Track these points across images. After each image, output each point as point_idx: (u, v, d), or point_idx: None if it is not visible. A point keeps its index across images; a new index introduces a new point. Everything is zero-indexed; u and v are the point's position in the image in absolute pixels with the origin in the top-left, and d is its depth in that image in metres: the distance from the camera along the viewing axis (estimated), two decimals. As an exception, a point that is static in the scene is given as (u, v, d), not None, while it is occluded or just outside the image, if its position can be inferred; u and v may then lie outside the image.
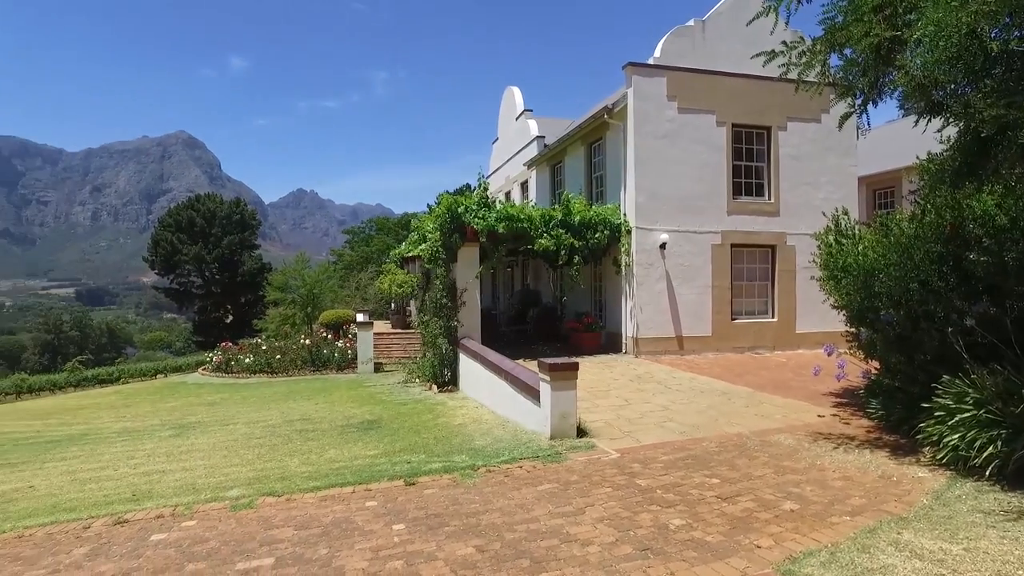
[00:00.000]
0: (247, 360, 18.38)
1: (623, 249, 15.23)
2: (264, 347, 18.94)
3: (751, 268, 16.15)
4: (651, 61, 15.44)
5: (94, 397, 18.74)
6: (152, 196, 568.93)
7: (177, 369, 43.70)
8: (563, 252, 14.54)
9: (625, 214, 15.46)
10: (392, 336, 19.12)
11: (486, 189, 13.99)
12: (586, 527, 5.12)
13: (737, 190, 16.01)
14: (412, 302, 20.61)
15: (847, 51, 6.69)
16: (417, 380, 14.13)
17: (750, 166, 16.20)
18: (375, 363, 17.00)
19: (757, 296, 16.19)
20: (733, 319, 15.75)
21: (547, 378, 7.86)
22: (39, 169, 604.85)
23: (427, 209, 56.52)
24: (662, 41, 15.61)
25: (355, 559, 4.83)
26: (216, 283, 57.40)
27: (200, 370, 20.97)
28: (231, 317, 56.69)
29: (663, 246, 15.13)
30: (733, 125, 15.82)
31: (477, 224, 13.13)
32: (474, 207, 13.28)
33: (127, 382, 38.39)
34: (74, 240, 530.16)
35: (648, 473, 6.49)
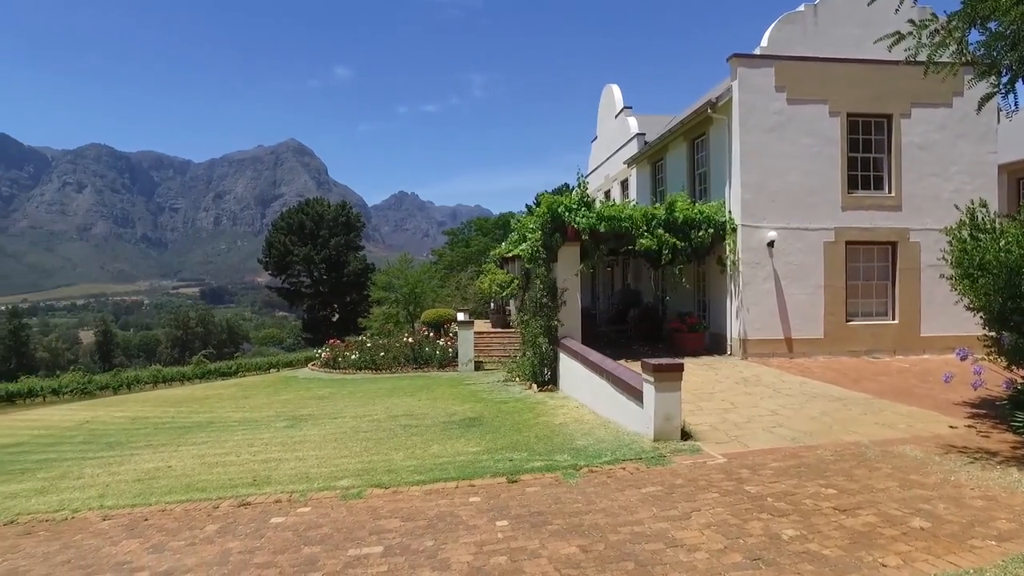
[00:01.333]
0: (353, 357, 19.17)
1: (728, 248, 14.69)
2: (369, 344, 19.69)
3: (868, 267, 15.12)
4: (757, 51, 14.79)
5: (217, 388, 20.15)
6: (266, 201, 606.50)
7: (288, 364, 46.43)
8: (665, 251, 14.21)
9: (730, 212, 14.90)
10: (492, 335, 19.36)
11: (586, 188, 13.88)
12: (692, 532, 4.96)
13: (852, 184, 15.04)
14: (511, 301, 20.79)
15: (991, 24, 6.10)
16: (517, 379, 14.22)
17: (867, 158, 15.17)
18: (475, 361, 17.28)
19: (875, 296, 15.13)
20: (848, 321, 14.81)
21: (651, 379, 7.70)
22: (171, 179, 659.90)
23: (525, 209, 56.95)
24: (770, 29, 14.91)
25: (460, 552, 4.92)
26: (324, 283, 60.35)
27: (310, 366, 22.09)
28: (337, 315, 59.44)
29: (771, 244, 14.46)
30: (848, 115, 14.86)
31: (578, 223, 13.06)
32: (574, 206, 13.22)
33: (244, 375, 41.19)
34: (199, 243, 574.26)
35: (757, 480, 6.21)
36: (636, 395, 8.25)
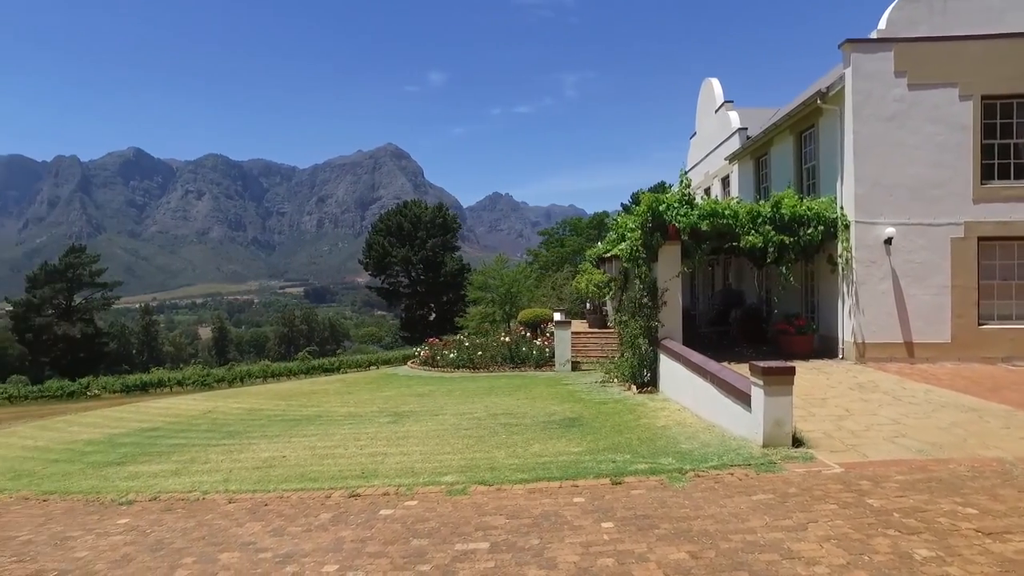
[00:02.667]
0: (451, 355, 19.55)
1: (840, 246, 13.86)
2: (466, 343, 20.02)
3: (1006, 265, 13.79)
4: (874, 35, 13.87)
5: (322, 384, 21.06)
6: (365, 204, 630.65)
7: (386, 362, 48.09)
8: (771, 250, 13.60)
9: (842, 207, 14.06)
10: (589, 335, 19.22)
11: (688, 186, 13.50)
12: (810, 544, 4.71)
13: (987, 174, 13.78)
14: (608, 302, 20.56)
15: None
16: (615, 380, 14.04)
17: (1006, 144, 13.81)
18: (572, 362, 17.20)
19: (1015, 298, 13.78)
20: (980, 324, 13.61)
21: (759, 382, 7.38)
22: (278, 185, 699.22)
23: (620, 208, 56.31)
24: (889, 10, 13.93)
25: (566, 552, 4.90)
26: (421, 283, 62.07)
27: (409, 363, 22.73)
28: (434, 315, 60.98)
29: (888, 241, 13.53)
30: (983, 97, 13.61)
31: (679, 222, 12.74)
32: (675, 204, 12.89)
33: (346, 372, 43.06)
34: (303, 245, 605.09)
35: (881, 493, 5.81)
36: (743, 399, 7.94)
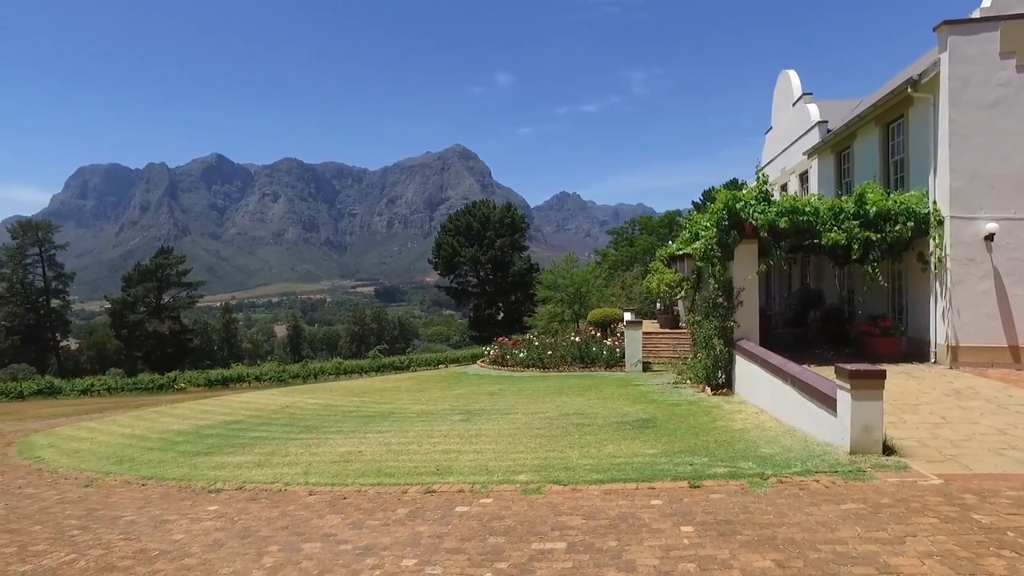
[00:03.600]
0: (521, 355, 19.57)
1: (933, 242, 13.07)
2: (536, 343, 20.00)
3: None
4: (976, 14, 12.98)
5: (394, 381, 21.48)
6: (433, 204, 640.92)
7: (455, 360, 48.69)
8: (855, 247, 12.96)
9: (935, 202, 13.25)
10: (660, 336, 18.89)
11: (765, 182, 13.01)
12: (909, 560, 4.43)
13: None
14: (680, 302, 20.14)
15: None
16: (688, 381, 13.74)
17: None
18: (643, 362, 16.93)
19: None
20: (1093, 327, 12.57)
21: (846, 385, 7.04)
22: (349, 187, 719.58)
23: (691, 207, 55.13)
24: (995, -14, 13.00)
25: (645, 555, 4.80)
26: (489, 282, 62.50)
27: (479, 362, 22.90)
28: (502, 314, 61.29)
29: (990, 238, 12.65)
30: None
31: (756, 219, 12.30)
32: (752, 202, 12.46)
33: (415, 370, 43.85)
34: (374, 246, 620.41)
35: (990, 509, 5.41)
36: (828, 403, 7.59)
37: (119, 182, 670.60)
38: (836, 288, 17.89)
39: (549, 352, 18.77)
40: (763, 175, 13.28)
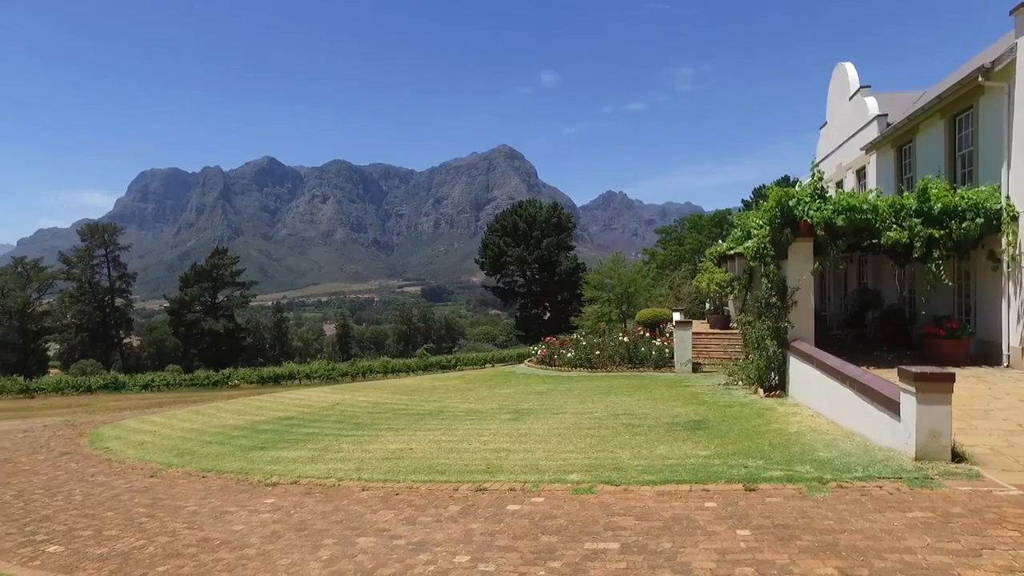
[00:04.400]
0: (568, 355, 19.50)
1: (1006, 240, 12.43)
2: (584, 343, 19.88)
3: None
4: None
5: (441, 380, 21.64)
6: (479, 205, 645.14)
7: (501, 360, 48.86)
8: (918, 245, 12.45)
9: (1008, 197, 12.61)
10: (710, 336, 18.56)
11: (820, 178, 12.61)
12: (987, 574, 4.22)
13: None
14: (731, 302, 19.76)
15: None
16: (740, 382, 13.46)
17: None
18: (693, 363, 16.66)
19: None
20: None
21: (911, 389, 6.77)
22: (397, 188, 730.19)
23: (741, 205, 54.04)
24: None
25: (700, 558, 4.72)
26: (536, 282, 62.52)
27: (526, 362, 22.90)
28: (549, 314, 61.21)
29: (1066, 235, 12.00)
30: None
31: (812, 217, 11.94)
32: (807, 199, 12.10)
33: (462, 369, 44.17)
34: (420, 246, 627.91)
35: (1075, 521, 5.12)
36: (890, 406, 7.32)
37: (177, 185, 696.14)
38: (896, 288, 17.26)
39: (597, 352, 18.65)
40: (818, 171, 12.87)
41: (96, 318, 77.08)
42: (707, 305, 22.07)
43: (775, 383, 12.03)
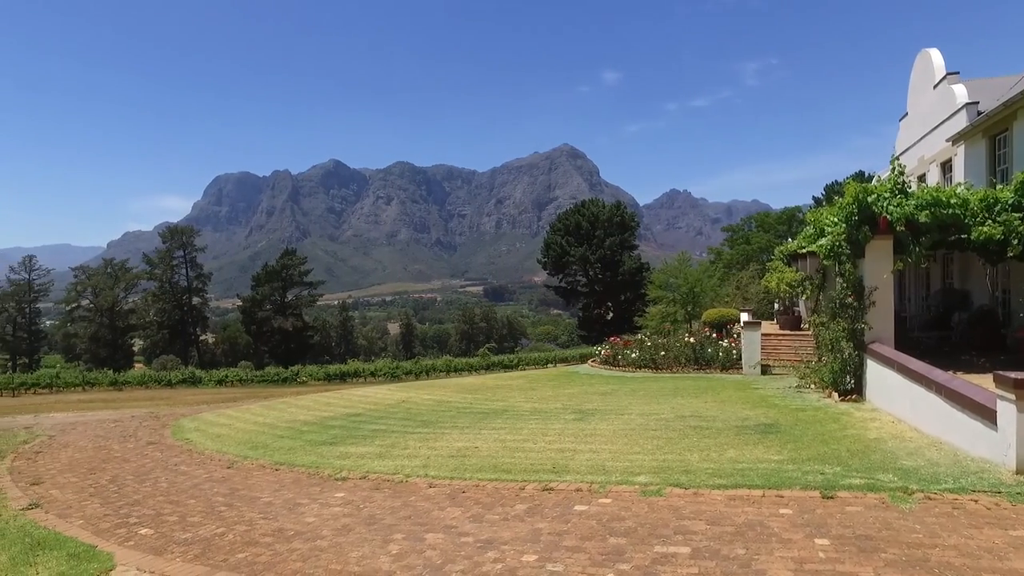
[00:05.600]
0: (632, 355, 19.24)
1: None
2: (648, 343, 19.58)
3: None
4: None
5: (504, 379, 21.67)
6: (541, 204, 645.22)
7: (563, 360, 48.69)
8: (1015, 242, 11.65)
9: (1121, 189, 11.65)
10: (780, 337, 17.97)
11: (901, 172, 11.97)
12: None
13: None
14: (802, 302, 19.08)
15: None
16: (812, 385, 12.97)
17: None
18: (762, 365, 16.16)
19: None
20: None
21: (1011, 396, 6.34)
22: (459, 188, 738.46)
23: (812, 202, 52.14)
24: None
25: (777, 566, 4.55)
26: (599, 282, 61.99)
27: (589, 362, 22.73)
28: (611, 314, 60.63)
29: None
30: None
31: (892, 213, 11.34)
32: (887, 194, 11.51)
33: (524, 368, 44.22)
34: (482, 246, 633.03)
35: None
36: (985, 414, 6.88)
37: (248, 189, 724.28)
38: (988, 288, 16.26)
39: (662, 352, 18.33)
40: (899, 165, 12.22)
41: (175, 316, 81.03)
42: (776, 305, 21.41)
43: (851, 387, 11.54)
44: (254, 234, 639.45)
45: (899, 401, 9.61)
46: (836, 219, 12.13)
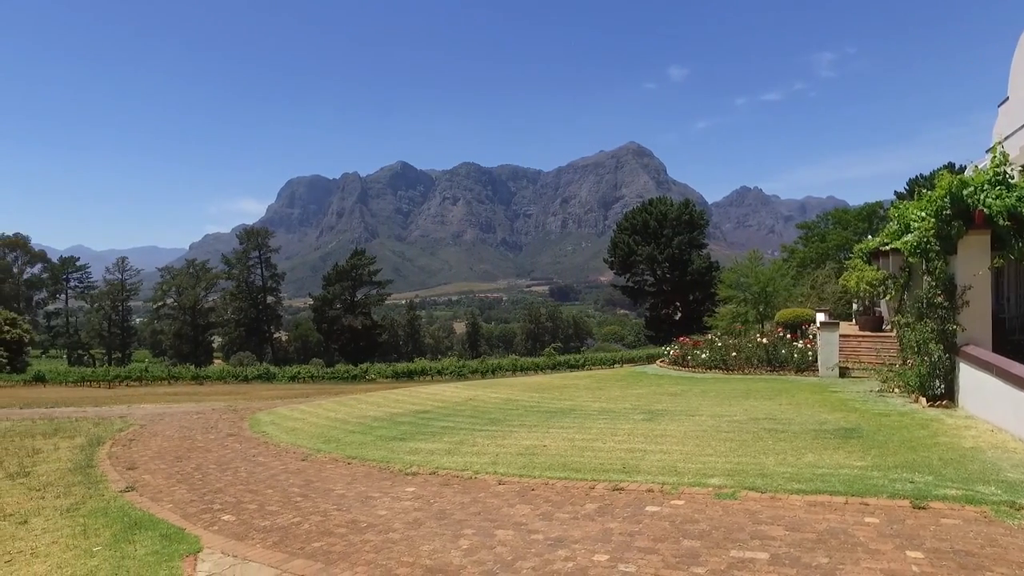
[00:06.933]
0: (702, 355, 18.77)
1: None
2: (719, 344, 19.06)
3: None
4: None
5: (571, 379, 21.51)
6: (607, 203, 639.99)
7: (630, 360, 48.04)
8: None
9: None
10: (859, 338, 17.15)
11: (1003, 162, 11.15)
12: None
13: None
14: (884, 302, 18.17)
15: None
16: (896, 390, 12.31)
17: None
18: (840, 367, 15.47)
19: None
20: None
21: None
22: (524, 188, 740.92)
23: (894, 197, 49.61)
24: None
25: (864, 579, 4.31)
26: (667, 281, 60.91)
27: (657, 362, 22.32)
28: (680, 314, 59.45)
29: None
30: None
31: (991, 206, 10.61)
32: (985, 185, 10.77)
33: (590, 368, 43.89)
34: (548, 245, 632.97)
35: None
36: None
37: (319, 191, 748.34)
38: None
39: (733, 353, 17.80)
40: (1001, 154, 11.42)
41: (251, 314, 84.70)
42: (855, 305, 20.47)
43: (940, 392, 10.88)
44: (325, 235, 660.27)
45: (999, 408, 8.98)
46: (924, 213, 11.46)
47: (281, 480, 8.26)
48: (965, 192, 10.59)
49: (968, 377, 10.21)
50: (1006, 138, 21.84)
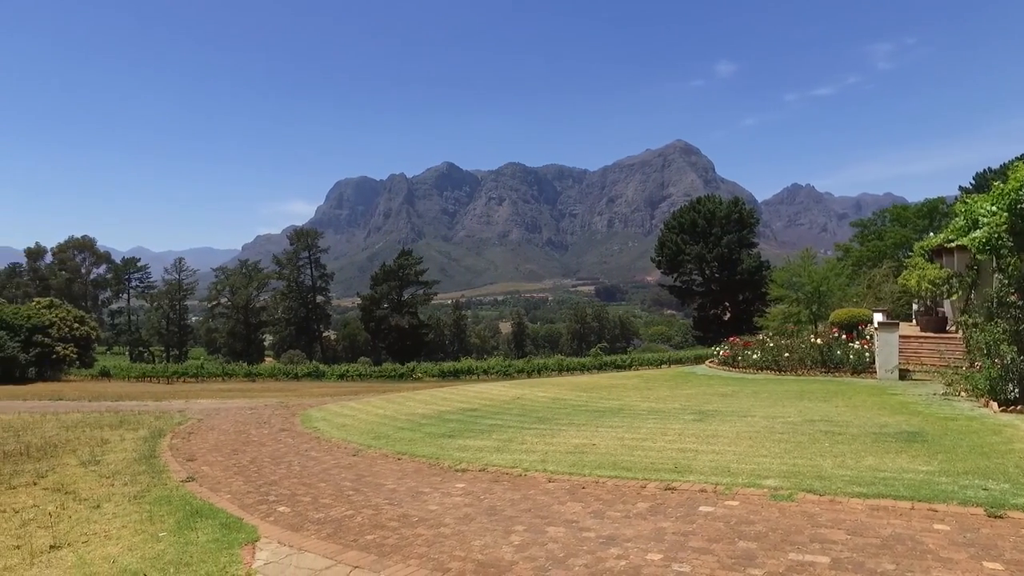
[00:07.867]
0: (753, 356, 18.37)
1: None
2: (771, 344, 18.63)
3: None
4: None
5: (618, 379, 21.31)
6: (654, 202, 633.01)
7: (677, 361, 47.31)
8: None
9: None
10: (921, 340, 16.49)
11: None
12: None
13: None
14: (947, 302, 17.43)
15: None
16: (963, 393, 11.80)
17: None
18: (900, 369, 14.91)
19: None
20: None
21: None
22: (570, 188, 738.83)
23: (958, 192, 47.61)
24: None
25: (937, 587, 4.13)
26: (715, 281, 59.77)
27: (707, 363, 21.95)
28: (729, 314, 58.30)
29: None
30: None
31: (1065, 200, 10.12)
32: (1060, 178, 10.26)
33: (637, 369, 43.42)
34: (594, 245, 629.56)
35: None
36: None
37: (367, 192, 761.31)
38: None
39: (786, 354, 17.37)
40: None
41: (301, 313, 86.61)
42: (915, 305, 19.70)
43: (1014, 396, 10.37)
44: (372, 236, 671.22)
45: (1072, 412, 8.53)
46: (995, 208, 11.00)
47: (333, 474, 8.40)
48: (1040, 185, 10.09)
49: (1042, 380, 9.72)
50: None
